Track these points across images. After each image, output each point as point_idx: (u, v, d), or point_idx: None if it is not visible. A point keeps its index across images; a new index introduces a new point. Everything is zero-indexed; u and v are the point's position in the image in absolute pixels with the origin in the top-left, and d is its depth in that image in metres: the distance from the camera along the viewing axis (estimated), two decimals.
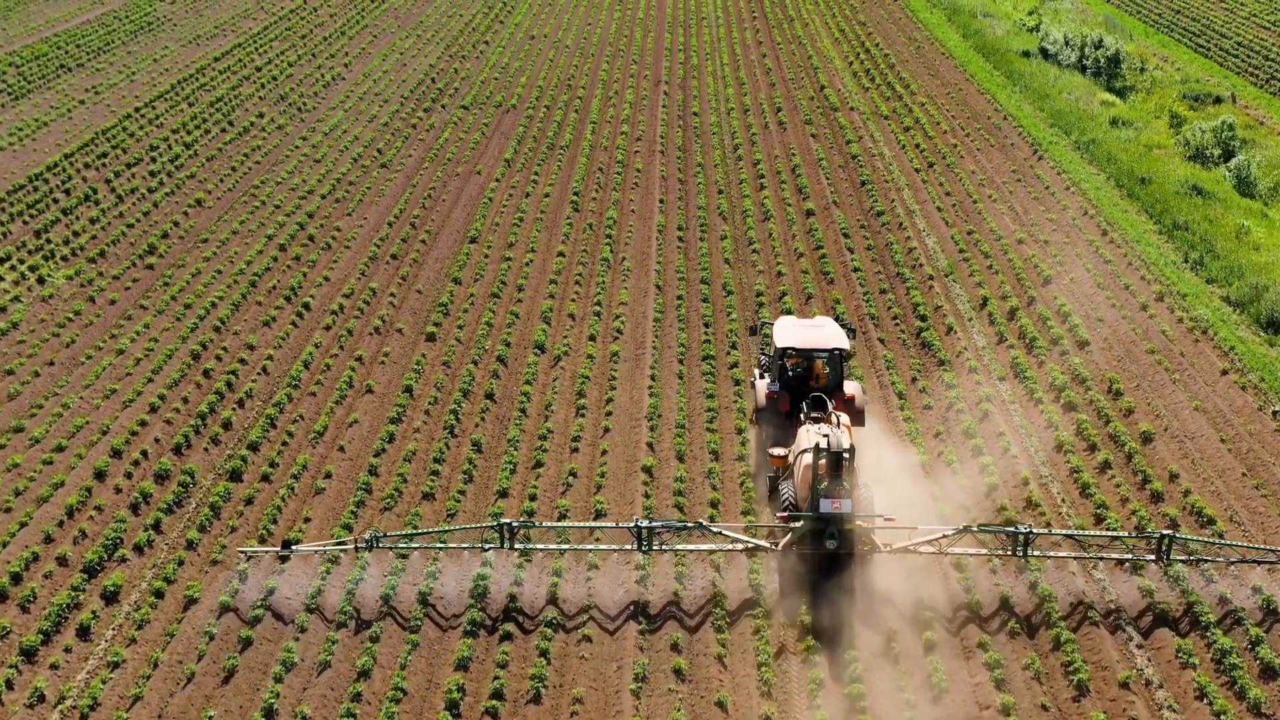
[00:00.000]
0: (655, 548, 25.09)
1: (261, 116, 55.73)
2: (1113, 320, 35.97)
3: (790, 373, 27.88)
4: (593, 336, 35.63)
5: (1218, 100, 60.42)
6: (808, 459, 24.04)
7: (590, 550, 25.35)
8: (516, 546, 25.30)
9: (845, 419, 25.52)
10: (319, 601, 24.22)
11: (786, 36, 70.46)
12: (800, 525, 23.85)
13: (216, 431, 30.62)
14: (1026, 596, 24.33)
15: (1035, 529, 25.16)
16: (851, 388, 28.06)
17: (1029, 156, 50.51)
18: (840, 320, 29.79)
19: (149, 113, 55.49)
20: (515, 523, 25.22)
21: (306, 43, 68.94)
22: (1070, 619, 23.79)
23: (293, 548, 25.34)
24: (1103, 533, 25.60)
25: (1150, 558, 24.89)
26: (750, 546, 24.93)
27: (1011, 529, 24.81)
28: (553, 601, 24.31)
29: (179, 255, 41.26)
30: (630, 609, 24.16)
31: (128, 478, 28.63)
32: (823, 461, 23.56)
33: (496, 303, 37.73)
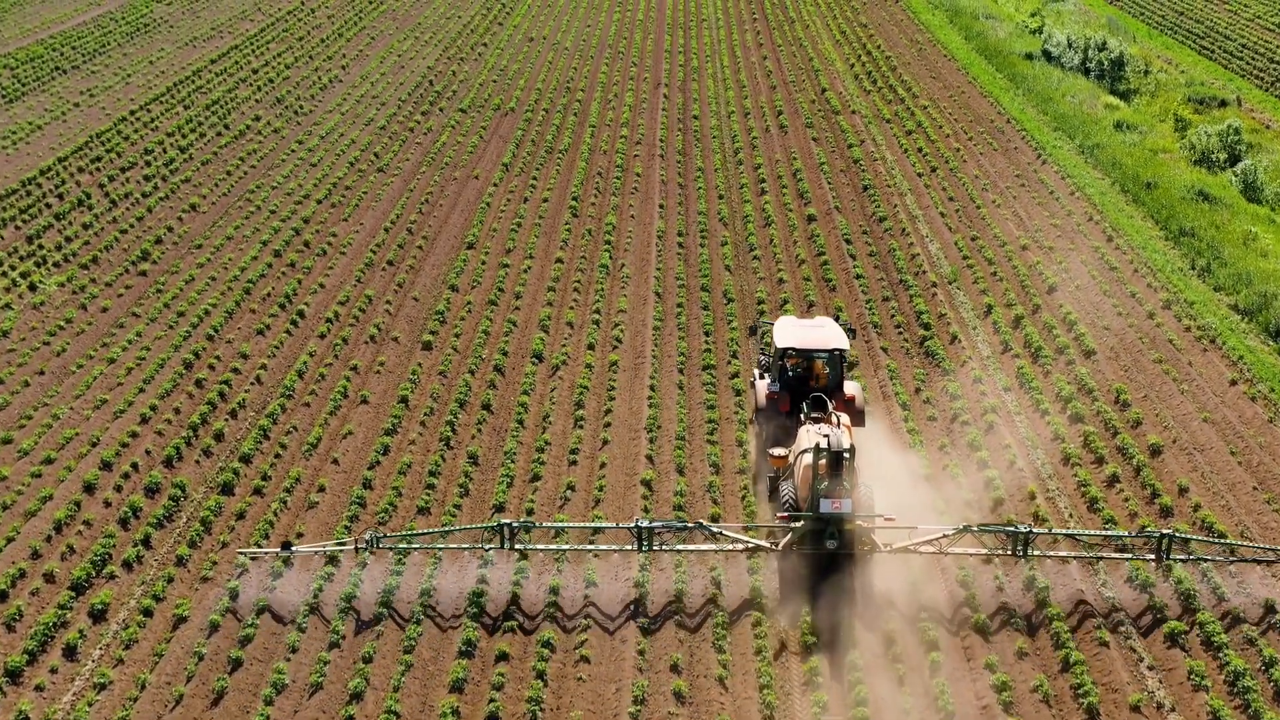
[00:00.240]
0: (655, 548, 25.04)
1: (258, 119, 55.17)
2: (1119, 328, 35.45)
3: (790, 373, 27.87)
4: (591, 345, 35.10)
5: (1223, 103, 59.88)
6: (808, 459, 24.13)
7: (590, 551, 25.26)
8: (517, 547, 25.21)
9: (845, 419, 25.63)
10: (319, 601, 24.11)
11: (787, 39, 69.91)
12: (800, 525, 23.93)
13: (208, 443, 30.11)
14: (1026, 596, 24.23)
15: (1035, 529, 25.11)
16: (852, 388, 28.18)
17: (1032, 161, 49.96)
18: (840, 321, 29.60)
19: (144, 116, 54.88)
20: (515, 523, 25.06)
21: (304, 45, 68.37)
22: (1070, 618, 23.69)
23: (292, 548, 25.10)
24: (1103, 532, 25.51)
25: (1150, 557, 24.85)
26: (750, 547, 24.96)
27: (1011, 528, 24.81)
28: (553, 602, 24.16)
29: (172, 261, 40.72)
30: (631, 609, 24.05)
31: (117, 491, 28.12)
32: (823, 461, 23.63)
33: (494, 310, 37.21)
